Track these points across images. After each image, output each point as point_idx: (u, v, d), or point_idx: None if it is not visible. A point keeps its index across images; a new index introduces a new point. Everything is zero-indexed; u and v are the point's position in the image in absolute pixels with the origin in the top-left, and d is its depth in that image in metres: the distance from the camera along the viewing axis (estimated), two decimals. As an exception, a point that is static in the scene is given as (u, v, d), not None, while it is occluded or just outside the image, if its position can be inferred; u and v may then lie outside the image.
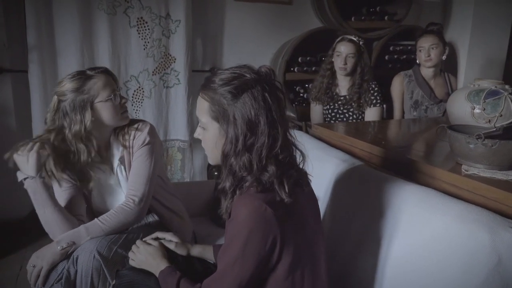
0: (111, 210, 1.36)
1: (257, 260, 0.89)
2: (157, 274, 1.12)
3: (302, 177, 1.00)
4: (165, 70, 2.61)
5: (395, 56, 3.09)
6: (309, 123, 2.34)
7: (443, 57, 2.51)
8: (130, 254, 1.22)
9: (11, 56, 2.35)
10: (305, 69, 2.82)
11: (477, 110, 1.53)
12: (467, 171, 1.20)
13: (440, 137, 1.59)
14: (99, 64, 2.37)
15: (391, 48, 3.10)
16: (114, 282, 1.21)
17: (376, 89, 2.45)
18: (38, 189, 1.28)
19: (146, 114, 2.60)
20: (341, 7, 2.79)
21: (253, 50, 2.91)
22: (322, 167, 1.48)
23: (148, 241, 1.25)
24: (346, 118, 2.50)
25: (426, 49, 2.47)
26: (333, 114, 2.53)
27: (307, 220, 0.99)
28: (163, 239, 1.27)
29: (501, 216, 0.97)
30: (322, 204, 1.43)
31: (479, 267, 0.90)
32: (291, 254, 0.92)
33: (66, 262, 1.26)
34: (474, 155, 1.20)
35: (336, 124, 2.37)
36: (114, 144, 1.46)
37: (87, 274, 1.22)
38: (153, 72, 2.57)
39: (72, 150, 1.35)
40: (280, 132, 0.91)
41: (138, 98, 2.59)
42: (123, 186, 1.47)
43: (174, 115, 2.69)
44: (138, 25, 2.47)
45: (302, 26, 2.92)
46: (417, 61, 2.58)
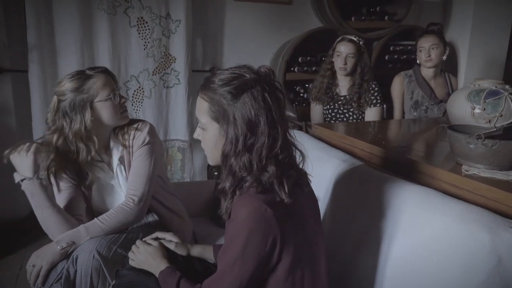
0: (111, 210, 1.36)
1: (257, 260, 0.89)
2: (157, 274, 1.12)
3: (302, 177, 0.99)
4: (165, 70, 2.61)
5: (395, 56, 3.08)
6: (309, 123, 2.34)
7: (444, 57, 2.51)
8: (130, 254, 1.22)
9: (11, 56, 2.35)
10: (305, 69, 2.82)
11: (477, 110, 1.53)
12: (467, 171, 1.20)
13: (440, 137, 1.59)
14: (99, 64, 2.37)
15: (391, 48, 3.09)
16: (113, 282, 1.21)
17: (376, 89, 2.44)
18: (35, 190, 1.27)
19: (146, 114, 2.60)
20: (341, 7, 2.79)
21: (253, 50, 2.91)
22: (322, 167, 1.48)
23: (148, 241, 1.25)
24: (346, 118, 2.50)
25: (427, 49, 2.47)
26: (333, 114, 2.53)
27: (307, 220, 0.99)
28: (163, 239, 1.27)
29: (501, 216, 0.97)
30: (322, 204, 1.43)
31: (479, 267, 0.90)
32: (291, 254, 0.92)
33: (65, 262, 1.26)
34: (474, 155, 1.20)
35: (336, 124, 2.37)
36: (114, 143, 1.46)
37: (87, 274, 1.22)
38: (153, 72, 2.56)
39: (72, 150, 1.35)
40: (280, 132, 0.91)
41: (138, 98, 2.59)
42: (123, 186, 1.47)
43: (174, 115, 2.68)
44: (138, 25, 2.47)
45: (302, 26, 2.92)
46: (417, 61, 2.57)
